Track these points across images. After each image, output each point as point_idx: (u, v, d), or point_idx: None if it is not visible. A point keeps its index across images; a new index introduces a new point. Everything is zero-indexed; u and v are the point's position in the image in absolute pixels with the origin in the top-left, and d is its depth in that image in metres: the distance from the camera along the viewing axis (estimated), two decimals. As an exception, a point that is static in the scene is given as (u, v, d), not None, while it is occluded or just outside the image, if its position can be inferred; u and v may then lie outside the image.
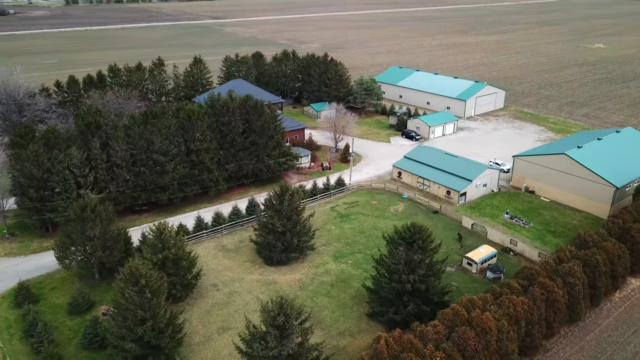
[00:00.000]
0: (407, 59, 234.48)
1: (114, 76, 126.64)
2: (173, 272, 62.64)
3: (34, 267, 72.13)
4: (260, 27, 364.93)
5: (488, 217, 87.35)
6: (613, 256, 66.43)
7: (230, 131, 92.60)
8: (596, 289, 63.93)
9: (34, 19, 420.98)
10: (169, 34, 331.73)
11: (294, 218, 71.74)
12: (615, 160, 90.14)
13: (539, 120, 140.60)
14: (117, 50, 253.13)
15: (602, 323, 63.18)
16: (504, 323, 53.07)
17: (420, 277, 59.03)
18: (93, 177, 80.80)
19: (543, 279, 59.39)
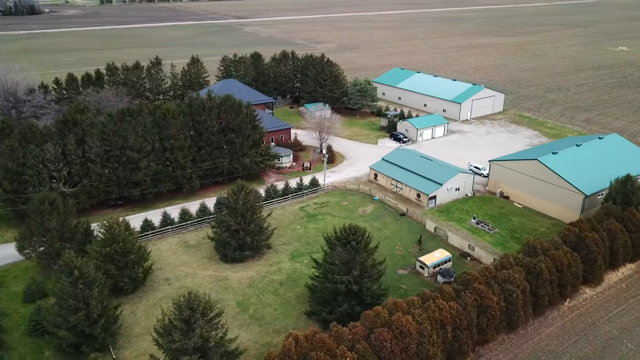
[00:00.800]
0: (419, 61, 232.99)
1: (111, 74, 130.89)
2: (122, 266, 65.07)
3: (3, 256, 75.86)
4: (280, 27, 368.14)
5: (455, 221, 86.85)
6: (562, 265, 65.38)
7: (206, 130, 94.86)
8: (539, 297, 63.10)
9: (66, 18, 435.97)
10: (191, 33, 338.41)
11: (249, 217, 73.23)
12: (590, 167, 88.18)
13: (536, 125, 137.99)
14: (137, 49, 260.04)
15: (543, 332, 62.41)
16: (426, 327, 53.25)
17: (354, 278, 59.68)
18: (67, 172, 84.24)
19: (477, 285, 59.17)
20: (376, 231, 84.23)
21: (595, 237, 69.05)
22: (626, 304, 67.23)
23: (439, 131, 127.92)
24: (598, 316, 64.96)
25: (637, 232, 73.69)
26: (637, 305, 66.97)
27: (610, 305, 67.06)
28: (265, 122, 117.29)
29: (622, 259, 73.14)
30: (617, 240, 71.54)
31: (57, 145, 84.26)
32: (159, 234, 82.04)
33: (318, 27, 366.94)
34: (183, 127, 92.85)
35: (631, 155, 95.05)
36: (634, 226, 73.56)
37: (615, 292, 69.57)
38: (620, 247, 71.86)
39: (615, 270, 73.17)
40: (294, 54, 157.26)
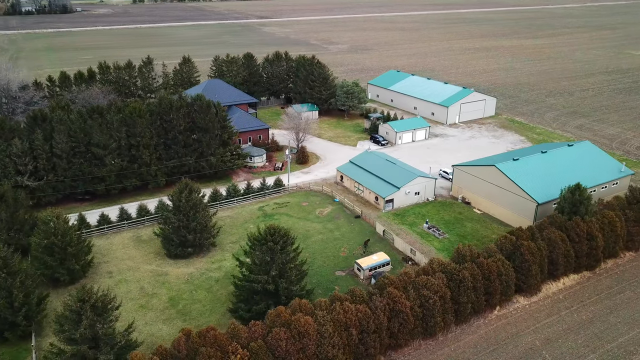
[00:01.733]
0: (427, 63, 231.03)
1: (103, 73, 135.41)
2: (60, 258, 67.96)
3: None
4: (299, 27, 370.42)
5: (408, 225, 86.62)
6: (490, 272, 64.71)
7: (172, 129, 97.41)
8: (460, 304, 62.64)
9: (95, 17, 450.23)
10: (210, 32, 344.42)
11: (191, 215, 75.16)
12: (549, 175, 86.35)
13: (524, 130, 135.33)
14: (154, 47, 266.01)
15: (463, 339, 61.96)
16: (327, 328, 53.89)
17: (271, 278, 60.73)
18: (34, 166, 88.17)
19: (391, 289, 59.33)
20: (328, 232, 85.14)
21: (531, 246, 67.95)
22: (557, 315, 65.92)
23: (420, 134, 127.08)
24: (524, 326, 63.99)
25: (581, 242, 72.01)
26: (569, 317, 65.58)
27: (541, 315, 65.90)
28: (243, 122, 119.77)
29: (563, 269, 71.62)
30: (557, 250, 70.13)
31: (25, 140, 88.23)
32: (115, 229, 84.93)
33: (337, 28, 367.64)
34: (150, 126, 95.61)
35: (598, 164, 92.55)
36: (577, 236, 71.90)
37: (550, 303, 68.27)
38: (561, 257, 70.40)
39: (555, 281, 71.73)
40: (287, 55, 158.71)
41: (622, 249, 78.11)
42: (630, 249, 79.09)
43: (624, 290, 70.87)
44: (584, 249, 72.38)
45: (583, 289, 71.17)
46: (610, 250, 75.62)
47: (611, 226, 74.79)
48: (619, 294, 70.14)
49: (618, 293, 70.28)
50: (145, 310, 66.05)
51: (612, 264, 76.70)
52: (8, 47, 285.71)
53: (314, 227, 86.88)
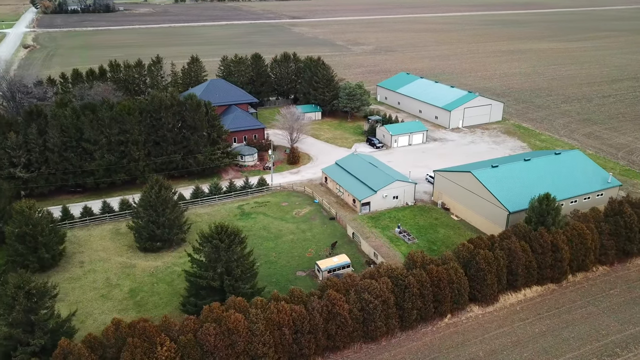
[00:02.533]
0: (447, 65, 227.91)
1: (113, 71, 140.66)
2: (31, 246, 71.75)
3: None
4: (329, 28, 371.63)
5: (380, 229, 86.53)
6: (439, 280, 64.14)
7: (161, 127, 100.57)
8: (405, 310, 62.39)
9: (135, 16, 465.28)
10: (240, 32, 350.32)
11: (160, 210, 77.73)
12: (527, 183, 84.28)
13: (529, 137, 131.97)
14: (182, 46, 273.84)
15: (406, 345, 61.72)
16: (259, 326, 55.04)
17: (217, 275, 62.29)
18: (27, 159, 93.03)
19: (331, 291, 59.81)
20: (300, 233, 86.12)
21: (487, 255, 66.86)
22: (510, 326, 64.62)
23: (417, 138, 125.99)
24: (472, 336, 63.11)
25: (544, 253, 70.21)
26: (521, 329, 64.18)
27: (492, 326, 64.77)
28: (239, 122, 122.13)
29: (524, 280, 70.03)
30: (517, 261, 68.67)
31: (20, 134, 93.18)
32: (97, 221, 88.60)
33: (367, 28, 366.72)
34: (139, 123, 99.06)
35: (584, 174, 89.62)
36: (540, 247, 70.13)
37: (505, 314, 66.95)
38: (521, 267, 68.89)
39: (515, 292, 70.21)
40: (295, 56, 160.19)
41: (594, 263, 75.52)
42: (603, 263, 76.37)
43: (587, 305, 68.66)
44: (548, 261, 70.52)
45: (544, 302, 69.38)
46: (579, 263, 73.32)
47: (581, 238, 72.51)
48: (581, 308, 68.02)
49: (580, 307, 68.17)
50: (105, 300, 68.89)
51: (582, 277, 74.31)
52: (48, 44, 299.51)
53: (288, 227, 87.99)
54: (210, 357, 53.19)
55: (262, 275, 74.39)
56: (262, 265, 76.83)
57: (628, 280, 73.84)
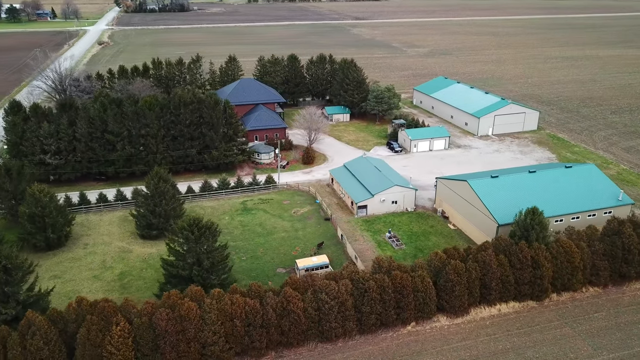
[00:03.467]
0: (499, 70, 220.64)
1: (155, 68, 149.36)
2: (39, 226, 79.05)
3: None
4: (389, 29, 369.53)
5: (372, 232, 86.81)
6: (403, 287, 63.98)
7: (179, 122, 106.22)
8: (363, 314, 62.86)
9: (206, 15, 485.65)
10: (299, 32, 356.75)
11: (157, 201, 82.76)
12: (525, 196, 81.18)
13: (560, 148, 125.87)
14: (239, 45, 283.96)
15: (362, 349, 62.19)
16: (211, 316, 57.99)
17: (187, 264, 65.89)
18: (57, 147, 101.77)
19: (287, 289, 61.55)
20: (292, 231, 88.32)
21: (458, 266, 65.75)
22: (473, 340, 63.21)
23: (439, 144, 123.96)
24: (431, 346, 62.44)
25: (523, 269, 67.84)
26: (484, 344, 62.60)
27: (455, 338, 63.67)
28: (261, 120, 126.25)
29: (499, 295, 67.99)
30: (491, 274, 66.92)
31: (53, 124, 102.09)
32: (111, 207, 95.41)
33: (429, 30, 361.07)
34: (159, 118, 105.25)
35: (593, 190, 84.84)
36: (519, 262, 67.86)
37: (473, 327, 65.48)
38: (494, 281, 67.05)
39: (490, 306, 68.33)
40: (332, 57, 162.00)
41: (584, 283, 71.75)
42: (594, 284, 72.36)
43: (564, 326, 65.64)
44: (527, 277, 68.09)
45: (518, 319, 67.08)
46: (564, 282, 70.06)
47: (567, 256, 69.32)
48: (556, 329, 65.15)
49: (555, 328, 65.31)
50: (96, 280, 74.64)
51: (568, 297, 70.90)
52: (121, 41, 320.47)
53: (283, 225, 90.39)
54: (162, 341, 56.71)
55: (244, 269, 77.60)
56: (247, 260, 79.89)
57: (618, 305, 69.60)
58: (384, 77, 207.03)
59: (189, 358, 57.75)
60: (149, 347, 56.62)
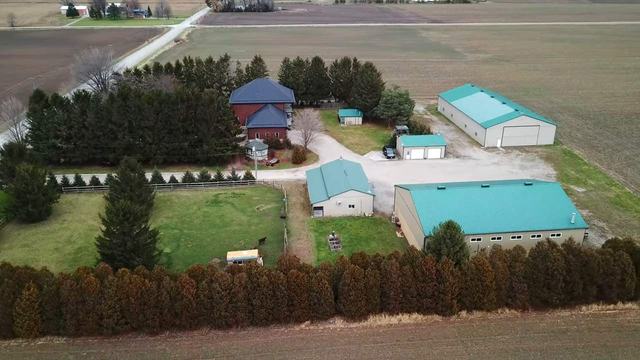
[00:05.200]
0: (552, 79, 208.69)
1: (186, 66, 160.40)
2: (22, 201, 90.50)
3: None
4: (458, 33, 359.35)
5: (318, 233, 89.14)
6: (296, 285, 66.18)
7: (175, 117, 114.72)
8: (254, 306, 66.04)
9: (288, 15, 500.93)
10: (365, 34, 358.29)
11: (123, 186, 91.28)
12: (468, 210, 79.22)
13: (567, 165, 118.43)
14: (302, 45, 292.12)
15: (248, 339, 65.41)
16: (109, 291, 64.58)
17: (110, 243, 73.08)
18: (68, 133, 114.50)
19: (184, 276, 66.50)
20: (246, 225, 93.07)
21: (355, 271, 66.76)
22: (357, 345, 63.90)
23: (434, 153, 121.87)
24: (313, 346, 64.18)
25: (425, 282, 67.21)
26: (366, 351, 63.02)
27: (341, 342, 64.81)
28: (264, 119, 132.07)
29: (400, 305, 67.82)
30: (390, 283, 67.12)
31: (66, 112, 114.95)
32: (102, 190, 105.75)
33: (501, 35, 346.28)
34: (157, 112, 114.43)
35: (546, 210, 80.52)
36: (422, 275, 67.30)
37: (364, 334, 66.08)
38: (394, 291, 67.13)
39: (391, 315, 68.34)
40: (356, 61, 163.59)
41: (499, 304, 69.22)
42: (512, 307, 69.47)
43: (458, 344, 64.26)
44: (429, 290, 67.35)
45: (415, 331, 66.61)
46: (474, 300, 68.24)
47: (479, 274, 67.53)
48: (449, 346, 63.98)
49: (448, 345, 64.15)
50: (56, 252, 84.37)
51: (480, 316, 68.87)
52: (196, 39, 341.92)
53: (241, 218, 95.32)
54: (65, 308, 64.15)
55: (185, 255, 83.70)
56: (191, 247, 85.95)
57: (529, 330, 66.52)
58: (424, 82, 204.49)
59: (87, 326, 64.73)
60: (53, 312, 64.40)
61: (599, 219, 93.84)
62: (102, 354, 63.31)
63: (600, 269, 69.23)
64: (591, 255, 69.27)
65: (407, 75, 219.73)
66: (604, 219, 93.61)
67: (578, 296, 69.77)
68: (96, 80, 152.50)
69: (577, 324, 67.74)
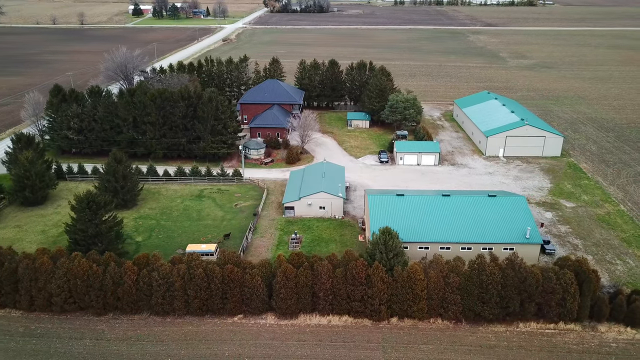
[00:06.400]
0: (591, 89, 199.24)
1: (207, 65, 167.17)
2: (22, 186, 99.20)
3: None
4: (509, 37, 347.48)
5: (283, 232, 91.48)
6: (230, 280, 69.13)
7: (172, 114, 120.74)
8: (189, 296, 69.61)
9: (340, 17, 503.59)
10: (411, 36, 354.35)
11: (109, 177, 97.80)
12: (420, 219, 78.89)
13: (566, 179, 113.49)
14: (344, 48, 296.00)
15: (181, 327, 69.11)
16: (59, 272, 70.31)
17: (77, 230, 79.14)
18: (79, 125, 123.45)
19: (128, 264, 71.04)
20: (219, 220, 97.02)
21: (287, 270, 68.57)
22: (279, 341, 65.84)
23: (428, 159, 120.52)
24: (238, 338, 66.69)
25: (356, 285, 67.92)
26: (284, 347, 64.94)
27: (265, 337, 66.94)
28: (266, 119, 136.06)
29: (330, 306, 69.15)
30: (320, 284, 68.56)
31: (80, 105, 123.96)
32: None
33: (549, 41, 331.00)
34: (159, 109, 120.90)
35: (502, 224, 78.52)
36: (352, 279, 68.05)
37: (290, 331, 67.90)
38: (323, 292, 68.49)
39: (323, 315, 69.64)
40: (372, 64, 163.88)
41: (432, 314, 68.78)
42: (446, 317, 68.74)
43: (378, 349, 64.63)
44: (358, 294, 68.08)
45: (342, 333, 67.62)
46: (405, 308, 68.22)
47: (410, 283, 67.54)
48: (369, 350, 64.59)
49: (369, 349, 64.78)
50: (41, 233, 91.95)
51: (411, 324, 68.73)
52: (244, 39, 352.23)
53: (216, 214, 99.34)
54: (20, 285, 70.57)
55: (153, 244, 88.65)
56: (161, 238, 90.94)
57: (457, 343, 65.76)
58: (451, 88, 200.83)
59: (39, 303, 70.82)
60: (10, 288, 71.10)
61: (576, 236, 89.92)
62: (49, 329, 69.17)
63: (540, 286, 67.19)
64: (530, 272, 67.36)
65: (437, 80, 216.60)
66: (581, 237, 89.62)
67: (514, 312, 68.04)
68: (122, 77, 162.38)
69: (508, 341, 66.18)
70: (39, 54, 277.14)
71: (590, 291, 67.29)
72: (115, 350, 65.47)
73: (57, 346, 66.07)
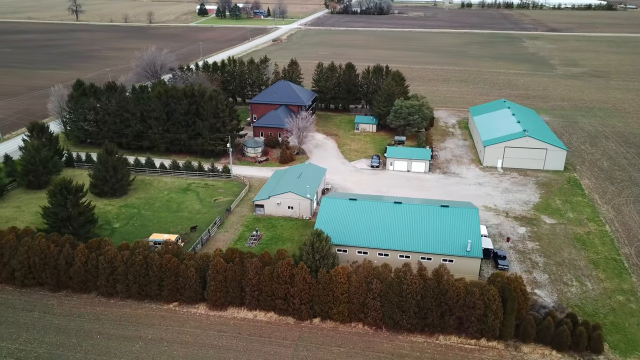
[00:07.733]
0: (633, 100, 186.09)
1: (229, 65, 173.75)
2: (26, 170, 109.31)
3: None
4: (568, 44, 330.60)
5: (248, 229, 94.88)
6: (166, 269, 73.51)
7: (175, 111, 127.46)
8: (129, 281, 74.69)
9: (398, 19, 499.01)
10: (464, 41, 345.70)
11: (100, 167, 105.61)
12: (362, 223, 79.46)
13: (558, 195, 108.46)
14: (389, 51, 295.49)
15: (120, 309, 74.30)
16: (21, 250, 77.75)
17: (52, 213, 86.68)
18: (94, 118, 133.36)
19: (81, 246, 77.19)
20: (195, 213, 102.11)
21: (218, 264, 71.89)
22: (202, 330, 69.28)
23: (418, 166, 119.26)
24: (165, 324, 70.80)
25: (279, 284, 70.01)
26: (204, 337, 68.29)
27: (189, 324, 70.60)
28: (269, 120, 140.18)
29: (256, 301, 71.82)
30: (246, 280, 71.29)
31: (96, 99, 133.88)
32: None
33: (612, 49, 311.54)
34: (164, 105, 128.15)
35: (447, 235, 77.42)
36: (277, 277, 70.15)
37: (214, 322, 71.24)
38: (248, 287, 71.23)
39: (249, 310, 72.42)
40: (388, 68, 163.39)
41: (352, 318, 69.52)
42: (366, 323, 69.19)
43: (289, 346, 66.37)
44: (280, 293, 70.10)
45: (261, 328, 70.12)
46: (325, 309, 69.45)
47: (331, 285, 68.72)
48: (281, 347, 66.54)
49: (282, 346, 66.74)
50: (35, 215, 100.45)
51: (332, 326, 69.89)
52: (295, 39, 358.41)
53: (194, 207, 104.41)
54: (-10, 258, 78.89)
55: (126, 231, 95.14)
56: (135, 226, 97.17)
57: (370, 349, 66.16)
58: (480, 95, 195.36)
59: (4, 276, 78.60)
60: (-20, 261, 79.48)
61: (542, 254, 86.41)
62: (8, 299, 76.73)
63: (461, 300, 66.09)
64: (452, 285, 66.41)
65: (469, 86, 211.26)
66: (547, 255, 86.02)
67: (433, 324, 67.28)
68: (151, 74, 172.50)
69: (422, 352, 65.71)
70: (98, 51, 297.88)
71: (513, 310, 65.26)
72: (57, 323, 71.64)
73: (9, 315, 73.25)
